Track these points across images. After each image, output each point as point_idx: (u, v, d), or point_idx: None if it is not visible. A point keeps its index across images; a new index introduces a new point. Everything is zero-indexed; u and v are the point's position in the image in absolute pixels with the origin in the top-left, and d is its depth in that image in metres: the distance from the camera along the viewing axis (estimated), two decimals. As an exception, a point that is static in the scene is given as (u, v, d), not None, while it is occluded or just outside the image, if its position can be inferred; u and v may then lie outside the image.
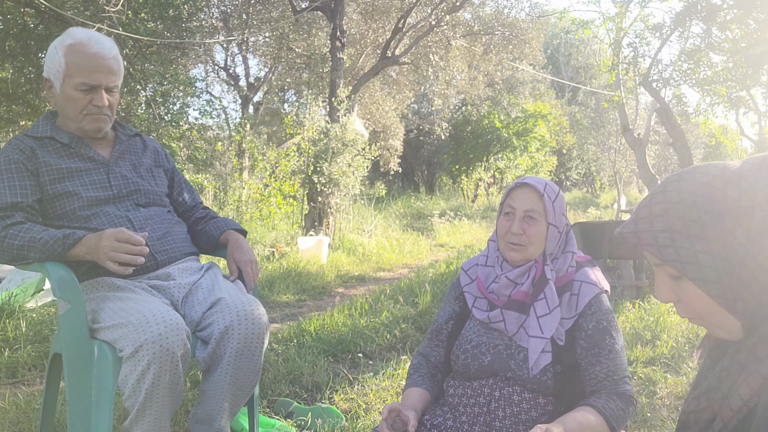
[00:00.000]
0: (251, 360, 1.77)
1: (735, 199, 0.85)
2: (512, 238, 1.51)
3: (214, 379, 1.76)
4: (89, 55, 1.85)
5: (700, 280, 0.87)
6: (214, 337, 1.74)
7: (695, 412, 0.95)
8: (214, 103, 12.69)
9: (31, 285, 4.02)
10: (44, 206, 1.86)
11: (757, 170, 0.86)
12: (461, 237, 10.63)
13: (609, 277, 5.21)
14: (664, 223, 0.89)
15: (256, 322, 1.77)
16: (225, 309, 1.77)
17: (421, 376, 1.62)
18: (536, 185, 1.51)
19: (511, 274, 1.53)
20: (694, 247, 0.86)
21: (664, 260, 0.88)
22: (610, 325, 1.48)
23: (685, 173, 0.91)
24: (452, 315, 1.65)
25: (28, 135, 1.92)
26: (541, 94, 20.51)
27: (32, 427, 2.29)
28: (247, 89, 14.05)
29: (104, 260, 1.69)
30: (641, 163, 7.88)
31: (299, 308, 4.87)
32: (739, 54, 6.25)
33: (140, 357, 1.57)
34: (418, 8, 10.55)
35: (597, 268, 1.59)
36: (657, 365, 3.20)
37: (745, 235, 0.84)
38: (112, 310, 1.70)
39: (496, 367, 1.48)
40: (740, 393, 0.85)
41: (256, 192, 9.40)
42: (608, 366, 1.44)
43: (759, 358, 0.85)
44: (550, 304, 1.48)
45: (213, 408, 1.78)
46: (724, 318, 0.89)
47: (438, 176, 20.88)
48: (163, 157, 2.17)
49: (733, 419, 0.86)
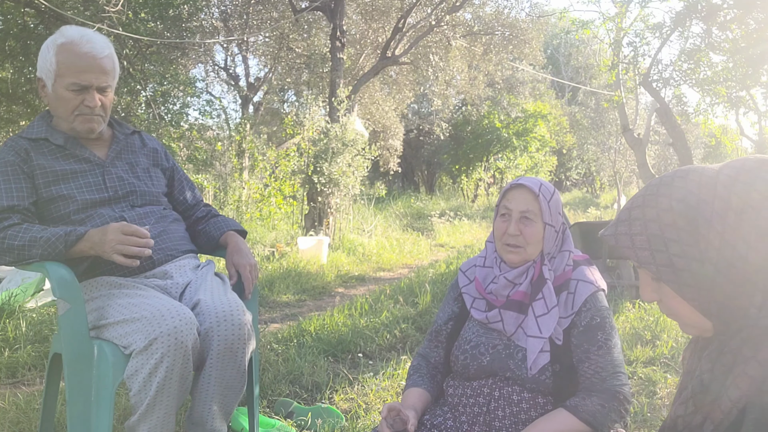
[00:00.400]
0: (234, 362, 1.74)
1: (709, 203, 0.86)
2: (509, 240, 1.52)
3: (200, 382, 1.75)
4: (80, 55, 1.81)
5: (674, 283, 0.89)
6: (199, 339, 1.72)
7: (683, 416, 0.95)
8: (214, 103, 12.68)
9: (31, 285, 4.02)
10: (39, 209, 1.85)
11: (734, 175, 0.87)
12: (461, 237, 10.63)
13: (609, 277, 5.21)
14: (641, 226, 0.91)
15: (237, 324, 1.73)
16: (205, 311, 1.74)
17: (421, 376, 1.62)
18: (531, 186, 1.51)
19: (510, 274, 1.53)
20: (669, 251, 0.88)
21: (641, 263, 0.91)
22: (603, 322, 1.47)
23: (665, 177, 0.93)
24: (451, 316, 1.65)
25: (22, 137, 1.90)
26: (541, 94, 20.50)
27: (32, 427, 2.29)
28: (247, 89, 14.05)
29: (111, 254, 1.69)
30: (641, 163, 7.88)
31: (299, 308, 4.87)
32: (739, 54, 6.25)
33: (153, 350, 1.57)
34: (418, 8, 10.55)
35: (594, 266, 1.59)
36: (657, 365, 3.20)
37: (718, 239, 0.85)
38: (121, 306, 1.69)
39: (495, 367, 1.48)
40: (729, 394, 0.86)
41: (256, 192, 9.40)
42: (597, 362, 1.44)
43: (746, 359, 0.85)
44: (548, 303, 1.48)
45: (202, 410, 1.77)
46: (698, 318, 0.91)
47: (438, 176, 20.87)
48: (162, 156, 2.14)
49: (723, 421, 0.87)
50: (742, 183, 0.86)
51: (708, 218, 0.86)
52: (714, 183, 0.88)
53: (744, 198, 0.85)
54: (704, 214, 0.86)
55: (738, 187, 0.86)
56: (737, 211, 0.85)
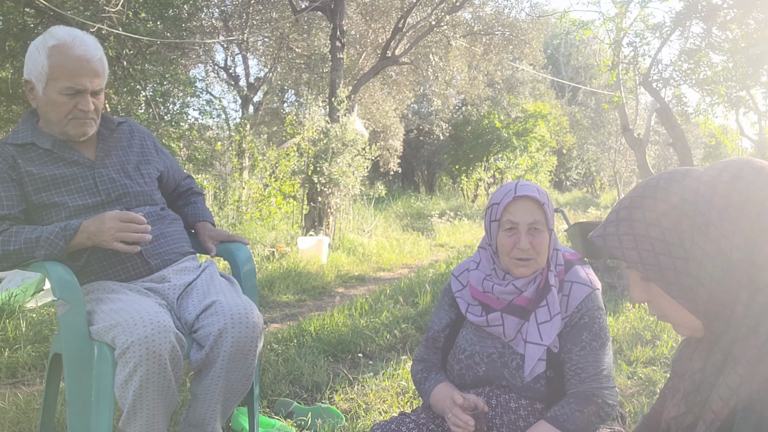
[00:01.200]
0: (244, 363, 1.75)
1: (692, 203, 0.88)
2: (520, 254, 1.46)
3: (206, 382, 1.74)
4: (74, 58, 1.77)
5: (661, 282, 0.90)
6: (208, 341, 1.72)
7: (676, 417, 0.96)
8: (214, 103, 12.66)
9: (31, 285, 4.02)
10: (31, 216, 1.82)
11: (717, 175, 0.90)
12: (461, 237, 10.62)
13: (609, 276, 5.21)
14: (627, 226, 0.93)
15: (250, 326, 1.73)
16: (219, 311, 1.74)
17: (438, 373, 1.60)
18: (535, 196, 1.46)
19: (518, 282, 1.49)
20: (655, 249, 0.90)
21: (628, 263, 0.93)
22: (592, 322, 1.44)
23: (651, 179, 0.95)
24: (448, 323, 1.63)
25: (8, 142, 1.84)
26: (541, 94, 20.49)
27: (32, 427, 2.28)
28: (247, 89, 14.04)
29: (111, 242, 1.68)
30: (641, 163, 7.88)
31: (299, 308, 4.87)
32: (739, 54, 6.25)
33: (127, 359, 1.56)
34: (418, 8, 10.55)
35: (587, 265, 1.57)
36: (657, 365, 3.20)
37: (702, 237, 0.87)
38: (104, 312, 1.69)
39: (490, 377, 1.47)
40: (720, 394, 0.87)
41: (256, 192, 9.40)
42: (578, 363, 1.41)
43: (735, 358, 0.86)
44: (551, 311, 1.45)
45: (205, 411, 1.76)
46: (687, 317, 0.92)
47: (438, 176, 20.86)
48: (151, 148, 2.08)
49: (715, 421, 0.88)
50: (725, 183, 0.88)
51: (692, 217, 0.88)
52: (697, 184, 0.90)
53: (727, 198, 0.87)
54: (688, 214, 0.88)
55: (719, 188, 0.88)
56: (720, 210, 0.87)
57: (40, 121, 1.90)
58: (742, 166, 0.90)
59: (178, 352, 1.63)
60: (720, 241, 0.86)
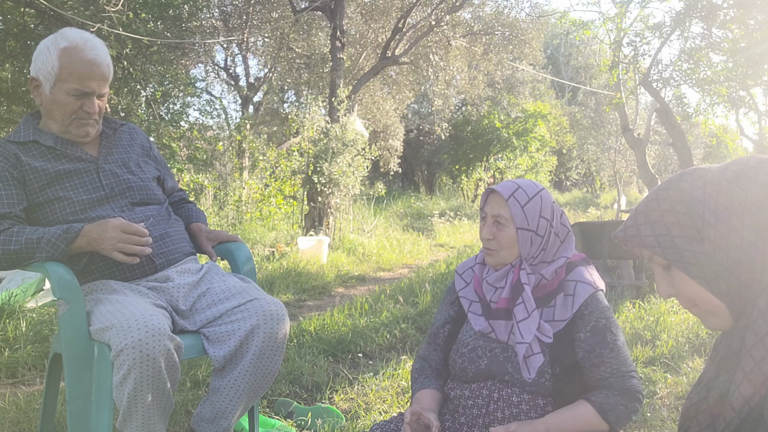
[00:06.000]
0: (273, 359, 1.80)
1: (701, 186, 0.96)
2: (484, 243, 1.54)
3: (233, 378, 1.77)
4: (85, 62, 1.80)
5: (680, 263, 0.95)
6: (237, 336, 1.75)
7: (696, 404, 1.01)
8: (214, 103, 12.70)
9: (31, 285, 4.02)
10: (34, 212, 1.83)
11: (725, 166, 0.97)
12: (461, 237, 10.62)
13: (609, 276, 5.21)
14: (645, 217, 1.00)
15: (282, 323, 1.81)
16: (251, 309, 1.79)
17: (428, 377, 1.62)
18: (501, 191, 1.50)
19: (491, 277, 1.55)
20: (671, 233, 0.96)
21: (648, 248, 0.98)
22: (609, 322, 1.47)
23: (671, 181, 1.02)
24: (448, 319, 1.65)
25: (10, 141, 1.86)
26: (541, 94, 20.49)
27: (32, 427, 2.29)
28: (247, 89, 14.04)
29: (110, 251, 1.70)
30: (641, 163, 7.89)
31: (299, 308, 4.87)
32: (739, 54, 6.25)
33: (121, 362, 1.56)
34: (418, 8, 10.55)
35: (592, 266, 1.58)
36: (657, 365, 3.20)
37: (713, 217, 0.92)
38: (101, 313, 1.69)
39: (493, 371, 1.48)
40: (741, 391, 0.87)
41: (256, 192, 9.41)
42: (612, 363, 1.45)
43: (749, 348, 0.88)
44: (528, 307, 1.47)
45: (226, 406, 1.79)
46: (712, 300, 0.95)
47: (438, 176, 20.85)
48: (148, 149, 2.13)
49: (735, 419, 0.89)
50: (732, 171, 0.94)
51: (702, 200, 0.95)
52: (706, 172, 0.98)
53: (735, 182, 0.93)
54: (699, 197, 0.95)
55: (728, 174, 0.94)
56: (729, 191, 0.93)
57: (41, 122, 1.93)
58: (746, 161, 0.95)
59: (173, 355, 1.63)
60: (731, 219, 0.91)
